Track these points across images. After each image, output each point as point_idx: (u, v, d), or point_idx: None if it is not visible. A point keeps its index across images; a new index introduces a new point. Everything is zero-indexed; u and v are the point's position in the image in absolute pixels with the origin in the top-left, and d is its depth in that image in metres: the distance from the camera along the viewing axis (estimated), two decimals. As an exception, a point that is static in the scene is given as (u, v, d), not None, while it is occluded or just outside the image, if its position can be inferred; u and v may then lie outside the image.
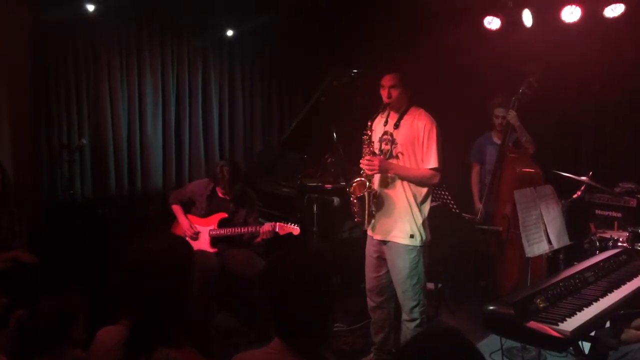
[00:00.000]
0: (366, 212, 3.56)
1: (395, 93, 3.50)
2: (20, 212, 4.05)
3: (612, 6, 4.49)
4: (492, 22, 5.01)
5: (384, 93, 3.54)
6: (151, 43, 5.70)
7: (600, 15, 4.56)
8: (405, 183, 3.54)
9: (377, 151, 3.62)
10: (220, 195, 4.44)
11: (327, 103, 4.89)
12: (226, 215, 4.41)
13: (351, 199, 3.62)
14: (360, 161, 3.56)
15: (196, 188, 4.55)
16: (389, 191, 3.58)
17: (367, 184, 3.52)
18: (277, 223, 4.23)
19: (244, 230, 4.33)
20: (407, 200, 3.54)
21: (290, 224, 4.21)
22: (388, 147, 3.60)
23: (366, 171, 3.52)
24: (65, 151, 5.12)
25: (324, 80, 4.87)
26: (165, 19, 5.73)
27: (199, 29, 5.96)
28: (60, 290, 3.01)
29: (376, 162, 3.48)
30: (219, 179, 4.27)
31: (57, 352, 2.65)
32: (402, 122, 3.56)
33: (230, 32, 6.14)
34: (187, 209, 4.54)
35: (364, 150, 3.58)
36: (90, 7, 5.03)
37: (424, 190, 3.58)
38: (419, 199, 3.56)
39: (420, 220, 3.55)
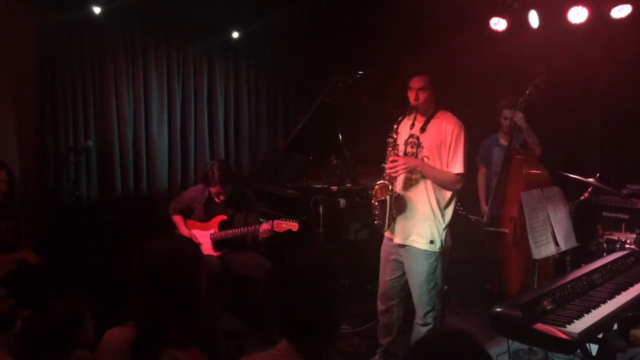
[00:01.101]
0: (387, 215, 3.49)
1: (423, 96, 3.44)
2: (26, 214, 4.07)
3: (619, 7, 4.47)
4: (498, 24, 5.00)
5: (411, 95, 3.46)
6: (156, 45, 5.71)
7: (607, 16, 4.54)
8: (429, 187, 3.46)
9: (401, 154, 3.54)
10: (216, 200, 4.38)
11: (333, 105, 4.89)
12: (226, 218, 4.37)
13: (372, 201, 3.57)
14: (385, 165, 3.50)
15: (193, 194, 4.51)
16: (411, 194, 3.51)
17: (390, 187, 3.45)
18: (275, 221, 4.19)
19: (245, 230, 4.29)
20: (430, 204, 3.46)
21: (288, 220, 4.17)
22: (413, 150, 3.53)
23: (391, 174, 3.44)
24: (72, 153, 5.14)
25: (329, 82, 4.88)
26: (171, 21, 5.73)
27: (204, 31, 5.97)
28: (67, 291, 3.01)
29: (400, 160, 3.40)
30: (210, 178, 4.19)
31: (63, 353, 2.66)
32: (429, 126, 3.50)
33: (235, 34, 6.15)
34: (187, 215, 4.50)
35: (388, 152, 3.51)
36: (96, 10, 5.06)
37: (448, 194, 3.51)
38: (443, 203, 3.49)
39: (442, 226, 3.49)
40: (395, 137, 3.53)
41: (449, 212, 3.51)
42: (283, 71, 6.70)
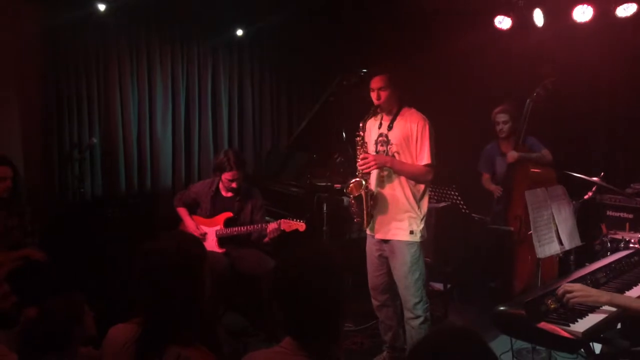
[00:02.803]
0: (365, 212, 3.59)
1: (384, 94, 3.54)
2: (31, 211, 4.07)
3: (624, 6, 4.45)
4: (503, 22, 4.99)
5: (373, 95, 3.58)
6: (161, 43, 5.73)
7: (612, 15, 4.52)
8: (403, 182, 3.58)
9: (373, 153, 3.65)
10: (224, 194, 4.43)
11: (337, 103, 4.89)
12: (231, 215, 4.40)
13: (349, 199, 3.67)
14: (357, 164, 3.58)
15: (200, 189, 4.54)
16: (385, 191, 3.63)
17: (363, 183, 3.55)
18: (282, 220, 4.21)
19: (250, 228, 4.31)
20: (406, 197, 3.58)
21: (296, 220, 4.20)
22: (384, 148, 3.65)
23: (363, 170, 3.53)
24: (76, 150, 5.15)
25: (333, 80, 4.88)
26: (175, 19, 5.74)
27: (209, 29, 5.98)
28: (71, 288, 3.01)
29: (370, 157, 3.51)
30: (225, 163, 4.25)
31: (68, 350, 2.66)
32: (396, 123, 3.61)
33: (239, 32, 6.16)
34: (193, 210, 4.53)
35: (358, 151, 3.61)
36: (101, 7, 5.07)
37: (421, 187, 3.63)
38: (417, 195, 3.61)
39: (420, 218, 3.61)
40: (363, 134, 3.63)
41: (424, 203, 3.65)
42: (287, 69, 6.71)
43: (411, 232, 3.57)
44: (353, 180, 3.61)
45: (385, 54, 5.61)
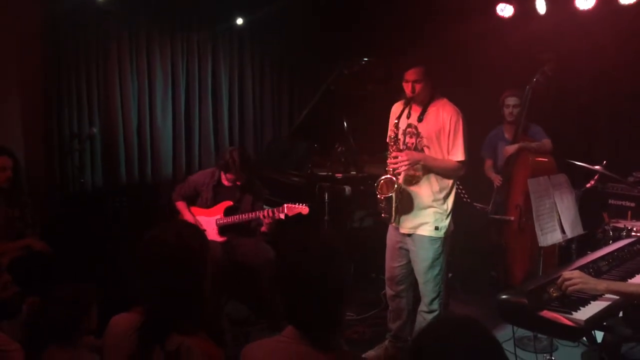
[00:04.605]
0: (393, 208, 3.53)
1: (419, 87, 3.44)
2: (32, 201, 4.07)
3: (628, -8, 4.42)
4: (505, 10, 4.96)
5: (407, 87, 3.46)
6: (161, 33, 5.70)
7: (615, 2, 4.49)
8: (431, 178, 3.51)
9: (401, 146, 3.56)
10: (225, 183, 4.40)
11: (338, 92, 4.87)
12: (232, 203, 4.38)
13: (378, 195, 3.57)
14: (387, 162, 3.51)
15: (200, 178, 4.51)
16: (414, 187, 3.55)
17: (396, 184, 3.47)
18: (286, 205, 4.17)
19: (251, 215, 4.28)
20: (433, 194, 3.51)
21: (298, 204, 4.16)
22: (413, 140, 3.55)
23: (395, 170, 3.45)
24: (76, 140, 5.14)
25: (334, 69, 4.85)
26: (175, 8, 5.71)
27: (209, 18, 5.95)
28: (72, 278, 3.01)
29: (404, 156, 3.42)
30: (230, 164, 4.20)
31: (70, 340, 2.67)
32: (427, 115, 3.51)
33: (240, 21, 6.13)
34: (192, 201, 4.50)
35: (389, 149, 3.54)
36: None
37: (449, 182, 3.55)
38: (445, 192, 3.54)
39: (446, 213, 3.54)
40: (397, 132, 3.55)
41: (451, 199, 3.57)
42: (288, 58, 6.68)
43: (436, 228, 3.51)
44: (383, 177, 3.52)
45: (387, 42, 5.58)
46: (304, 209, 4.14)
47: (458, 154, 3.46)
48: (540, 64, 4.55)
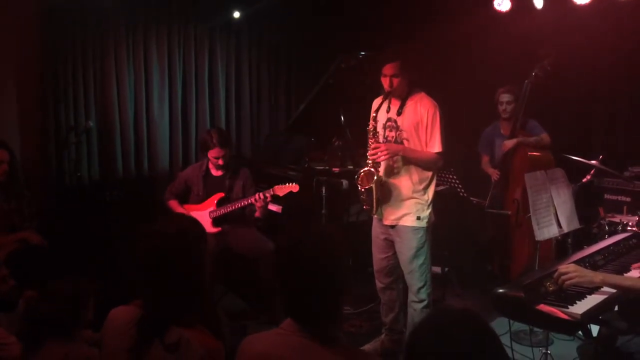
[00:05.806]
0: (374, 200, 3.60)
1: (396, 81, 3.53)
2: (29, 195, 4.06)
3: (625, -13, 4.42)
4: (502, 4, 4.94)
5: (385, 82, 3.56)
6: (157, 25, 5.68)
7: (612, -4, 4.49)
8: (411, 169, 3.58)
9: (381, 139, 3.66)
10: (214, 173, 4.42)
11: (335, 86, 4.87)
12: (223, 195, 4.38)
13: (359, 187, 3.65)
14: (367, 153, 3.58)
15: (189, 172, 4.54)
16: (394, 179, 3.63)
17: (376, 177, 3.55)
18: (275, 186, 4.16)
19: (244, 202, 4.27)
20: (413, 185, 3.60)
21: (288, 184, 4.16)
22: (393, 133, 3.64)
23: (374, 160, 3.53)
24: (73, 134, 5.12)
25: (332, 63, 4.84)
26: (172, 2, 5.69)
27: (206, 11, 5.92)
28: (69, 272, 3.01)
29: (382, 147, 3.51)
30: (209, 141, 4.25)
31: (68, 334, 2.67)
32: (405, 108, 3.59)
33: (237, 14, 6.10)
34: (184, 198, 4.50)
35: (369, 141, 3.60)
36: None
37: (429, 174, 3.63)
38: (425, 183, 3.62)
39: (427, 204, 3.62)
40: (375, 124, 3.64)
41: (431, 190, 3.66)
42: (285, 52, 6.66)
43: (418, 218, 3.59)
44: (362, 170, 3.60)
45: (384, 36, 5.56)
46: (294, 187, 4.14)
47: (435, 146, 3.53)
48: (539, 59, 4.55)
